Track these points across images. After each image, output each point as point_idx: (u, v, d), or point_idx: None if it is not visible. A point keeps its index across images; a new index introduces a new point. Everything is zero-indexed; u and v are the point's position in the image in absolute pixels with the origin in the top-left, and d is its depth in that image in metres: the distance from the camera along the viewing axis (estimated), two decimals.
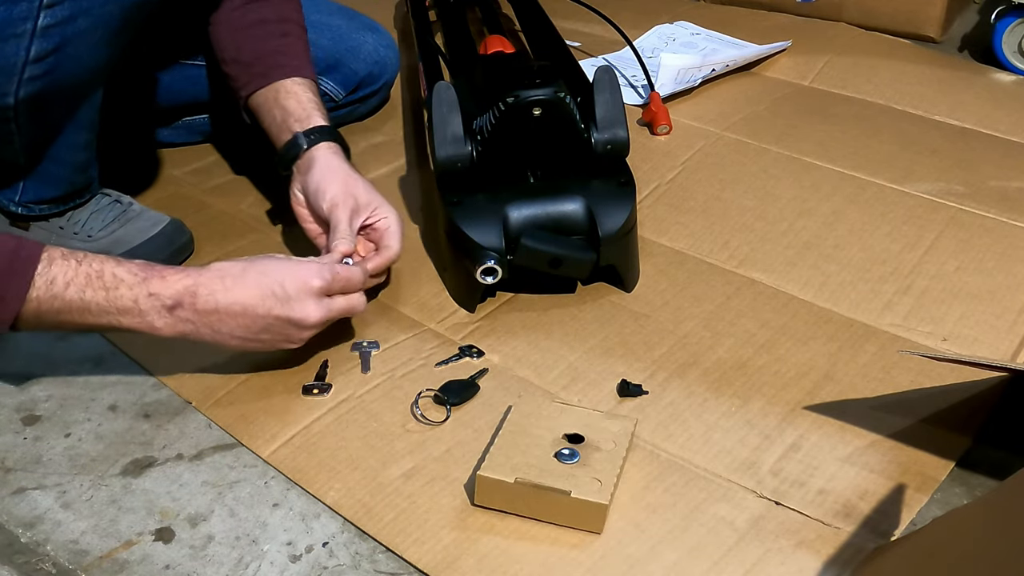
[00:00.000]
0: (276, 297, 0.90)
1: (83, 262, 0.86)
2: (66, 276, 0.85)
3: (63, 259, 0.85)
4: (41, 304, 0.84)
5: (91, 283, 0.85)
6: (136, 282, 0.86)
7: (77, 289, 0.85)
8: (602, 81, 1.09)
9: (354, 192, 1.05)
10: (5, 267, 0.83)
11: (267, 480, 0.89)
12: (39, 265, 0.84)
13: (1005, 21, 1.60)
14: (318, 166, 1.07)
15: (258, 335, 0.91)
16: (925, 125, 1.43)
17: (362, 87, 1.39)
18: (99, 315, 0.86)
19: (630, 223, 1.07)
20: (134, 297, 0.86)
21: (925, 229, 1.19)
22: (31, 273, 0.84)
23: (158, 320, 0.87)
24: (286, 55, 1.14)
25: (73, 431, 0.95)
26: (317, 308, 0.92)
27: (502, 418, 0.91)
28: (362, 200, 1.05)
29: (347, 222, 1.03)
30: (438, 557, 0.81)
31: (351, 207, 1.04)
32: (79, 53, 0.96)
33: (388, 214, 1.06)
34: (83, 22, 0.94)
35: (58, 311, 0.85)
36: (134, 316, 0.87)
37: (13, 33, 0.92)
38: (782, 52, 1.63)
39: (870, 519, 0.83)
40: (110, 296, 0.86)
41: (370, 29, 1.39)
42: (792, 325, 1.05)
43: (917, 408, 0.94)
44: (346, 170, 1.07)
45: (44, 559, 0.82)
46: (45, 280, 0.84)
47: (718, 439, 0.91)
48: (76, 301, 0.85)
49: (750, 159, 1.35)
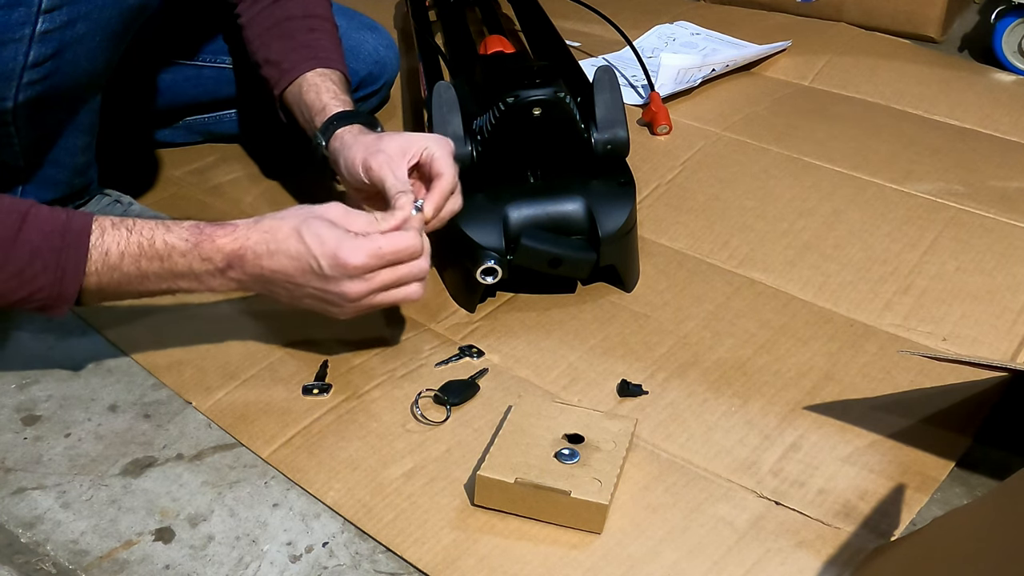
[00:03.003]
0: (313, 272, 0.89)
1: (133, 231, 0.86)
2: (119, 247, 0.85)
3: (114, 228, 0.86)
4: (101, 277, 0.85)
5: (144, 253, 0.86)
6: (188, 248, 0.87)
7: (132, 260, 0.86)
8: (602, 81, 1.09)
9: (381, 147, 0.98)
10: (59, 242, 0.83)
11: (267, 480, 0.89)
12: (92, 237, 0.84)
13: (1005, 21, 1.60)
14: (341, 150, 1.02)
15: (303, 300, 0.91)
16: (925, 125, 1.43)
17: (362, 87, 1.39)
18: (157, 282, 0.88)
19: (630, 223, 1.07)
20: (188, 264, 0.87)
21: (925, 229, 1.19)
22: (86, 245, 0.84)
23: (213, 281, 0.89)
24: (312, 48, 1.13)
25: (73, 431, 0.95)
26: (354, 285, 0.89)
27: (502, 418, 0.91)
28: (393, 148, 0.97)
29: (391, 174, 0.96)
30: (438, 557, 0.81)
31: (384, 161, 0.97)
32: (78, 58, 0.96)
33: (428, 143, 0.98)
34: (82, 27, 0.94)
35: (118, 283, 0.86)
36: (191, 280, 0.89)
37: (11, 38, 0.92)
38: (782, 52, 1.63)
39: (870, 519, 0.83)
40: (165, 265, 0.87)
41: (370, 29, 1.39)
42: (792, 325, 1.05)
43: (917, 408, 0.94)
44: (368, 137, 1.02)
45: (44, 559, 0.82)
46: (100, 252, 0.85)
47: (718, 439, 0.91)
48: (133, 272, 0.86)
49: (750, 159, 1.35)
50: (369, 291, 0.90)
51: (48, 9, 0.92)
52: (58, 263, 0.83)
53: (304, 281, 0.89)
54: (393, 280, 0.90)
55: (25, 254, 0.82)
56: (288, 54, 1.13)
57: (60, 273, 0.83)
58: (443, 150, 0.98)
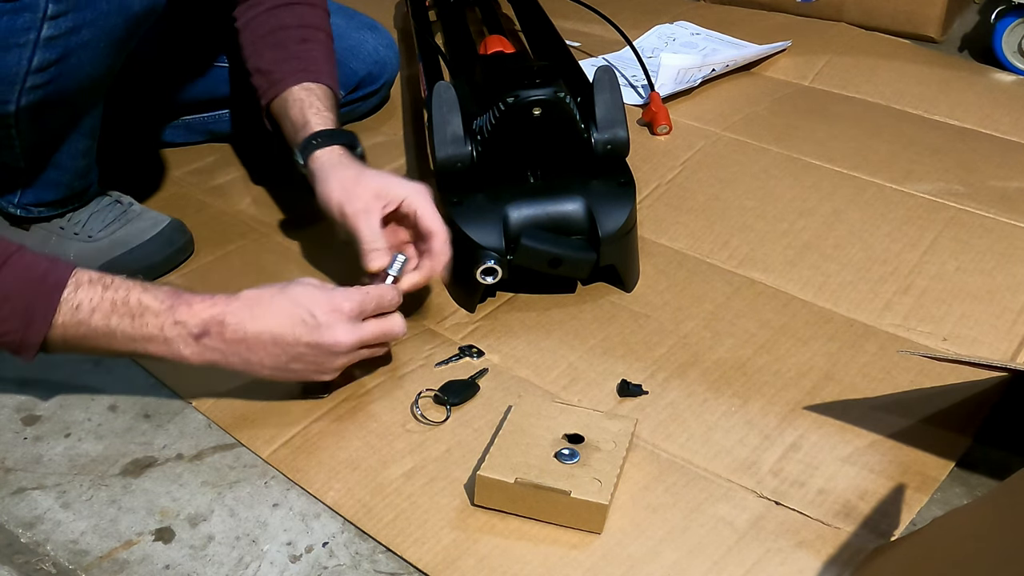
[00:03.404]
0: (305, 324, 0.87)
1: (110, 288, 0.85)
2: (92, 302, 0.84)
3: (90, 285, 0.85)
4: (67, 329, 0.84)
5: (116, 310, 0.84)
6: (162, 310, 0.85)
7: (102, 316, 0.84)
8: (602, 81, 1.09)
9: (358, 192, 0.99)
10: (33, 291, 0.83)
11: (267, 480, 0.89)
12: (65, 291, 0.83)
13: (1005, 21, 1.60)
14: (318, 179, 1.02)
15: (288, 365, 0.89)
16: (925, 125, 1.43)
17: (362, 86, 1.39)
18: (125, 342, 0.85)
19: (630, 223, 1.07)
20: (160, 325, 0.85)
21: (925, 229, 1.19)
22: (57, 298, 0.83)
23: (185, 348, 0.86)
24: (302, 60, 1.12)
25: (73, 431, 0.95)
26: (348, 332, 0.89)
27: (502, 418, 0.91)
28: (369, 195, 0.98)
29: (366, 226, 0.97)
30: (438, 557, 0.81)
31: (359, 210, 0.98)
32: (82, 63, 0.96)
33: (408, 193, 0.99)
34: (87, 33, 0.94)
35: (84, 336, 0.84)
36: (160, 344, 0.86)
37: (16, 43, 0.92)
38: (782, 52, 1.63)
39: (870, 519, 0.83)
40: (136, 324, 0.85)
41: (370, 28, 1.39)
42: (792, 325, 1.05)
43: (917, 408, 0.94)
44: (346, 173, 1.02)
45: (44, 559, 0.82)
46: (70, 306, 0.83)
47: (718, 439, 0.91)
48: (102, 328, 0.84)
49: (750, 159, 1.35)
50: (359, 341, 0.90)
51: (54, 15, 0.92)
52: (26, 310, 0.83)
53: (294, 339, 0.87)
54: (380, 332, 0.92)
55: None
56: (278, 64, 1.12)
57: (27, 320, 0.83)
58: (427, 202, 0.99)
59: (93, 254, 1.11)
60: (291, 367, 0.89)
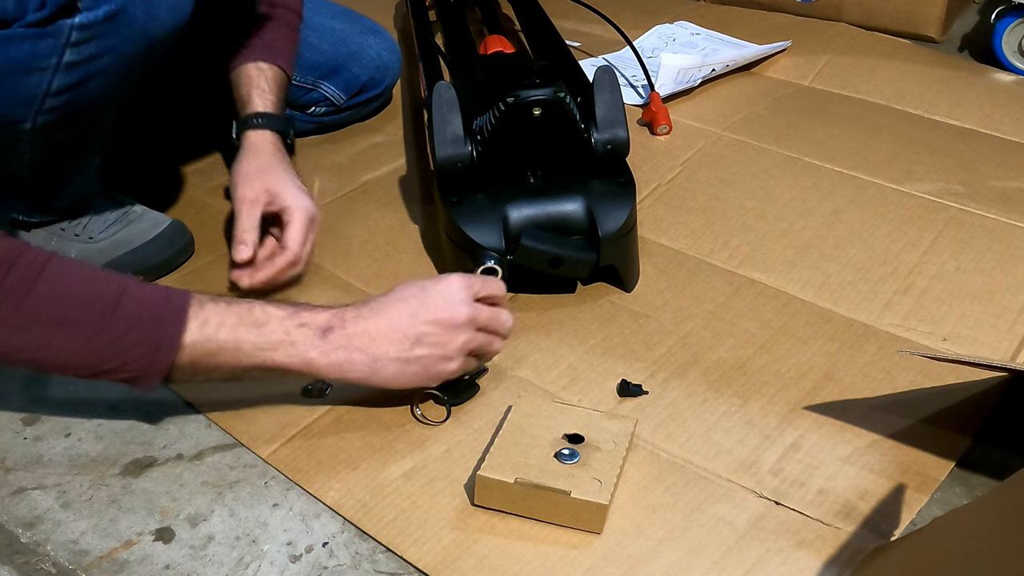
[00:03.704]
0: (419, 301, 0.88)
1: (232, 303, 0.85)
2: (218, 317, 0.83)
3: (212, 302, 0.84)
4: (196, 349, 0.82)
5: (242, 321, 0.84)
6: (285, 316, 0.86)
7: (230, 329, 0.83)
8: (602, 81, 1.09)
9: (250, 184, 1.07)
10: (158, 313, 0.81)
11: (267, 480, 0.89)
12: (191, 308, 0.83)
13: (1005, 21, 1.60)
14: (237, 157, 1.11)
15: (413, 351, 0.88)
16: (925, 125, 1.43)
17: (364, 91, 1.39)
18: (252, 353, 0.84)
19: (630, 223, 1.07)
20: (285, 329, 0.85)
21: (925, 229, 1.19)
22: (184, 317, 0.82)
23: (312, 350, 0.85)
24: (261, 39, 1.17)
25: (73, 431, 0.95)
26: (464, 305, 0.90)
27: (502, 418, 0.91)
28: (256, 191, 1.06)
29: (243, 217, 1.05)
30: (438, 557, 0.81)
31: (241, 199, 1.06)
32: (100, 86, 0.96)
33: (292, 204, 1.06)
34: (108, 59, 0.94)
35: (212, 354, 0.83)
36: (287, 348, 0.85)
37: (37, 67, 0.91)
38: (782, 52, 1.63)
39: (870, 519, 0.83)
40: (262, 332, 0.84)
41: (373, 33, 1.39)
42: (792, 325, 1.05)
43: (917, 408, 0.94)
44: (259, 159, 1.09)
45: (44, 559, 0.82)
46: (198, 322, 0.82)
47: (718, 439, 0.91)
48: (230, 341, 0.83)
49: (750, 159, 1.35)
50: (475, 315, 0.90)
51: (76, 42, 0.91)
52: (155, 332, 0.81)
53: (411, 317, 0.87)
54: (491, 314, 0.92)
55: (123, 323, 0.80)
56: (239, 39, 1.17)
57: (156, 342, 0.81)
58: (301, 222, 1.06)
59: (94, 255, 1.11)
60: (416, 354, 0.88)
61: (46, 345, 0.79)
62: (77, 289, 0.80)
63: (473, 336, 0.91)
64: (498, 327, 0.94)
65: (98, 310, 0.80)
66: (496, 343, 0.95)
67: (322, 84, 1.36)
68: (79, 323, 0.79)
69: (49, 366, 0.82)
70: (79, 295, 0.80)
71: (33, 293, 0.78)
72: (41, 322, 0.79)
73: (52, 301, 0.79)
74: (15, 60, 0.90)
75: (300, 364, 0.86)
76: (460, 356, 0.90)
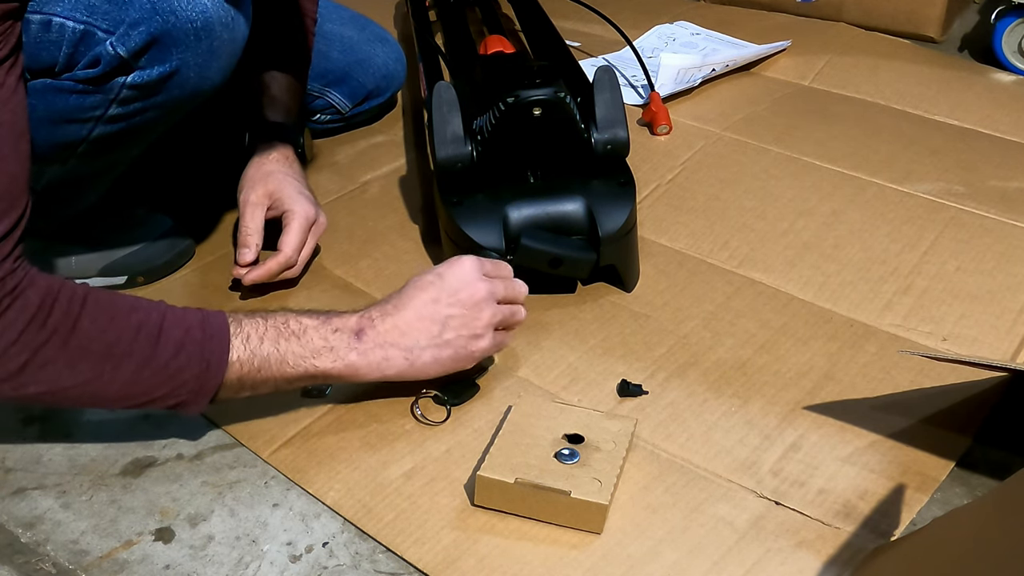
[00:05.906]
0: (437, 287, 0.90)
1: (268, 317, 0.85)
2: (258, 332, 0.84)
3: (248, 318, 0.84)
4: (243, 365, 0.83)
5: (282, 333, 0.85)
6: (318, 323, 0.86)
7: (272, 342, 0.84)
8: (602, 81, 1.09)
9: (255, 187, 1.08)
10: (202, 335, 0.81)
11: (267, 480, 0.89)
12: (231, 326, 0.83)
13: (1005, 21, 1.60)
14: (249, 163, 1.11)
15: (443, 335, 0.89)
16: (925, 125, 1.43)
17: (369, 99, 1.39)
18: (296, 362, 0.85)
19: (630, 223, 1.07)
20: (323, 336, 0.86)
21: (925, 229, 1.19)
22: (227, 335, 0.82)
23: (351, 353, 0.86)
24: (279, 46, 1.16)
25: (73, 431, 0.95)
26: (482, 282, 0.91)
27: (502, 418, 0.91)
28: (260, 195, 1.07)
29: (248, 220, 1.06)
30: (438, 557, 0.81)
31: (245, 202, 1.07)
32: (139, 133, 0.97)
33: (294, 208, 1.07)
34: (152, 113, 0.94)
35: (259, 368, 0.83)
36: (328, 354, 0.86)
37: (81, 118, 0.92)
38: (782, 52, 1.63)
39: (870, 519, 0.83)
40: (303, 341, 0.85)
41: (381, 41, 1.39)
42: (792, 325, 1.05)
43: (917, 408, 0.94)
44: (267, 166, 1.10)
45: (44, 559, 0.82)
46: (241, 338, 0.83)
47: (718, 439, 0.91)
48: (274, 354, 0.84)
49: (750, 159, 1.35)
50: (493, 288, 0.92)
51: (125, 99, 0.91)
52: (203, 353, 0.81)
53: (433, 302, 0.89)
54: (506, 287, 0.93)
55: (170, 348, 0.80)
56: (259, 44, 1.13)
57: (206, 363, 0.81)
58: (300, 226, 1.07)
59: (96, 257, 1.11)
60: (446, 337, 0.89)
61: (96, 379, 0.78)
62: (121, 320, 0.79)
63: (497, 309, 0.92)
64: (516, 296, 0.95)
65: (144, 338, 0.79)
66: (520, 312, 0.95)
67: (329, 92, 1.36)
68: (128, 353, 0.79)
69: (98, 401, 0.81)
70: (124, 325, 0.79)
71: (78, 329, 0.77)
72: (89, 357, 0.78)
73: (98, 334, 0.78)
74: (59, 110, 0.90)
75: (343, 368, 0.87)
76: (489, 332, 0.92)
